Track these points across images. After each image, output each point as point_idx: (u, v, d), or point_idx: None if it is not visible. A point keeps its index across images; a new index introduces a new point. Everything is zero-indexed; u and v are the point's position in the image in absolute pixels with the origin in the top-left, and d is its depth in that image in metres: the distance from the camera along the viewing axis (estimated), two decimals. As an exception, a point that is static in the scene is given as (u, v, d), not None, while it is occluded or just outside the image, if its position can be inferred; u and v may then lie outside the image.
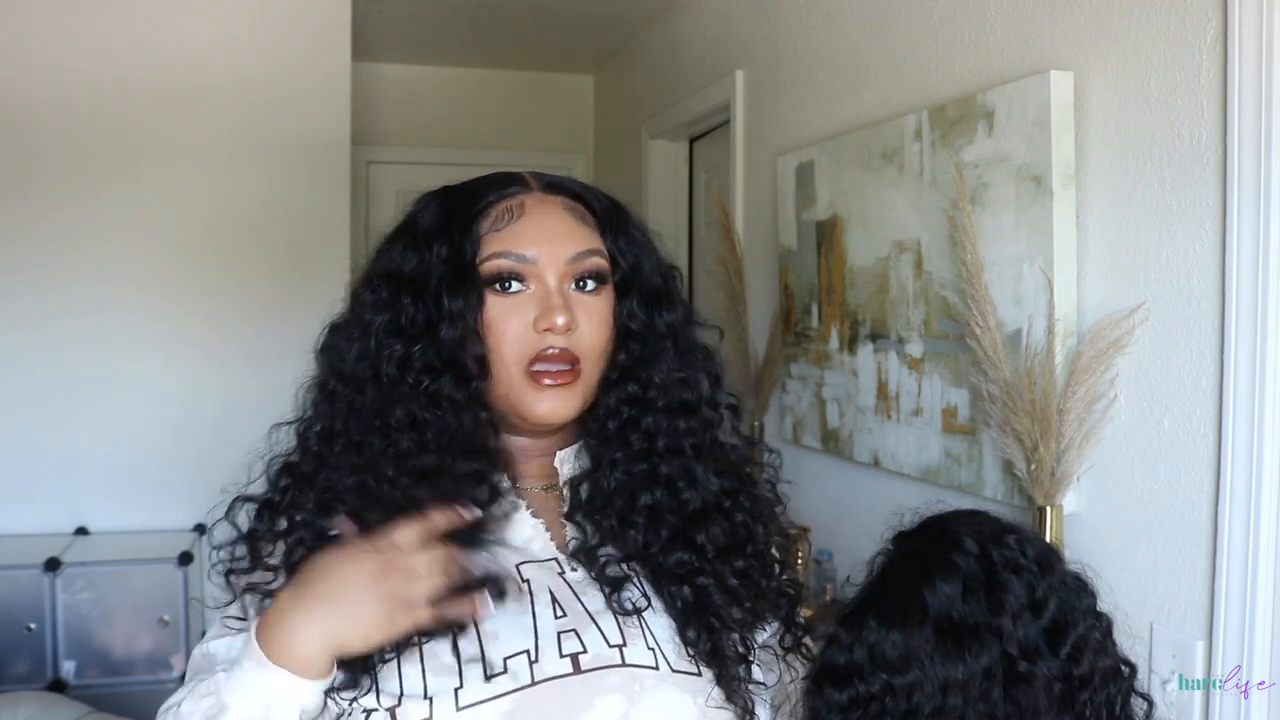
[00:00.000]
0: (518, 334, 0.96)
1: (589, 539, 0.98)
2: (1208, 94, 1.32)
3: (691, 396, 1.02)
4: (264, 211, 2.93)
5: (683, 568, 0.96)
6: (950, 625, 0.90)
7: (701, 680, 0.94)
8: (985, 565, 0.92)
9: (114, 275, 2.82)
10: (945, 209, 1.78)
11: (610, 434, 1.00)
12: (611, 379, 1.01)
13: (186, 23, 2.86)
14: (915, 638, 0.90)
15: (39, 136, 2.76)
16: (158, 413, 2.78)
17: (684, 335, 1.04)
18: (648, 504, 0.98)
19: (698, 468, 1.00)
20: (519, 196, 1.00)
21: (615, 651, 0.92)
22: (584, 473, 1.01)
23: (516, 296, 0.96)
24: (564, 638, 0.92)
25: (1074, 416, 1.48)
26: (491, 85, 4.30)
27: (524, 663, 0.90)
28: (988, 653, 0.89)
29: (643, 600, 0.96)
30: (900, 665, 0.90)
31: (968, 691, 0.88)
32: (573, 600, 0.95)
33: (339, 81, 2.99)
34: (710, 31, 3.02)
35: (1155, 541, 1.41)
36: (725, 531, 0.99)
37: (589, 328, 0.98)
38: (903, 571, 0.96)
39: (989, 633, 0.89)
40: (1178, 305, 1.37)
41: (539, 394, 0.96)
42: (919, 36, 1.94)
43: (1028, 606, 0.91)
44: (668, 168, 3.59)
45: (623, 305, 1.01)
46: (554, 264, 0.97)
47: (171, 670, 2.60)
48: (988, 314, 1.60)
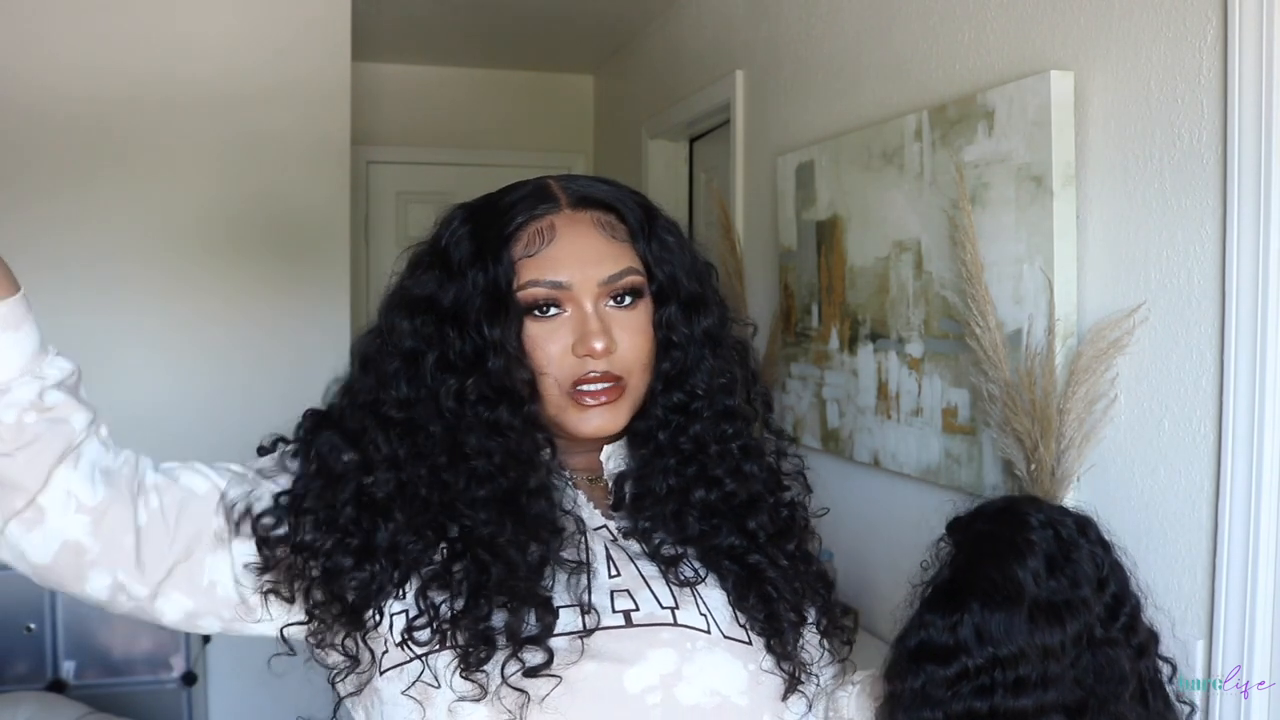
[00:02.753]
0: (558, 358, 0.98)
1: (639, 524, 1.01)
2: (1208, 94, 1.32)
3: (734, 401, 1.04)
4: (264, 211, 2.93)
5: (736, 550, 1.00)
6: (1043, 600, 0.96)
7: (752, 648, 0.96)
8: (1059, 543, 0.98)
9: (113, 275, 2.81)
10: (945, 209, 1.78)
11: (662, 444, 1.02)
12: (657, 389, 1.02)
13: (186, 23, 2.86)
14: (1016, 615, 0.95)
15: (38, 136, 2.76)
16: (156, 412, 2.79)
17: (720, 338, 1.05)
18: (702, 498, 1.01)
19: (745, 465, 1.03)
20: (549, 217, 1.00)
21: (668, 612, 0.94)
22: (630, 470, 1.03)
23: (554, 320, 0.98)
24: (617, 596, 0.95)
25: (1074, 416, 1.48)
26: (491, 85, 4.30)
27: (576, 613, 0.92)
28: (1076, 621, 0.96)
29: (695, 575, 0.98)
30: (1004, 639, 0.95)
31: (1065, 658, 0.95)
32: (627, 563, 0.98)
33: (339, 81, 2.99)
34: (710, 31, 3.02)
35: (1155, 541, 1.41)
36: (772, 519, 1.03)
37: (629, 344, 0.99)
38: (988, 554, 1.00)
39: (1077, 603, 0.96)
40: (1178, 305, 1.37)
41: (584, 413, 0.98)
42: (919, 36, 1.94)
43: (1095, 580, 0.98)
44: (668, 168, 3.59)
45: (660, 314, 1.02)
46: (588, 287, 0.98)
47: (171, 670, 2.60)
48: (988, 314, 1.60)
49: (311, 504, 0.94)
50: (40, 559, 0.88)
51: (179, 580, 0.92)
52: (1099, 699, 0.96)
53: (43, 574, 0.90)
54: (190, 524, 0.92)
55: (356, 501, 0.94)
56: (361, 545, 0.93)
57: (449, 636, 0.90)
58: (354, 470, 0.96)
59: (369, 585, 0.92)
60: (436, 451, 0.96)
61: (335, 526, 0.93)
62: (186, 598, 0.93)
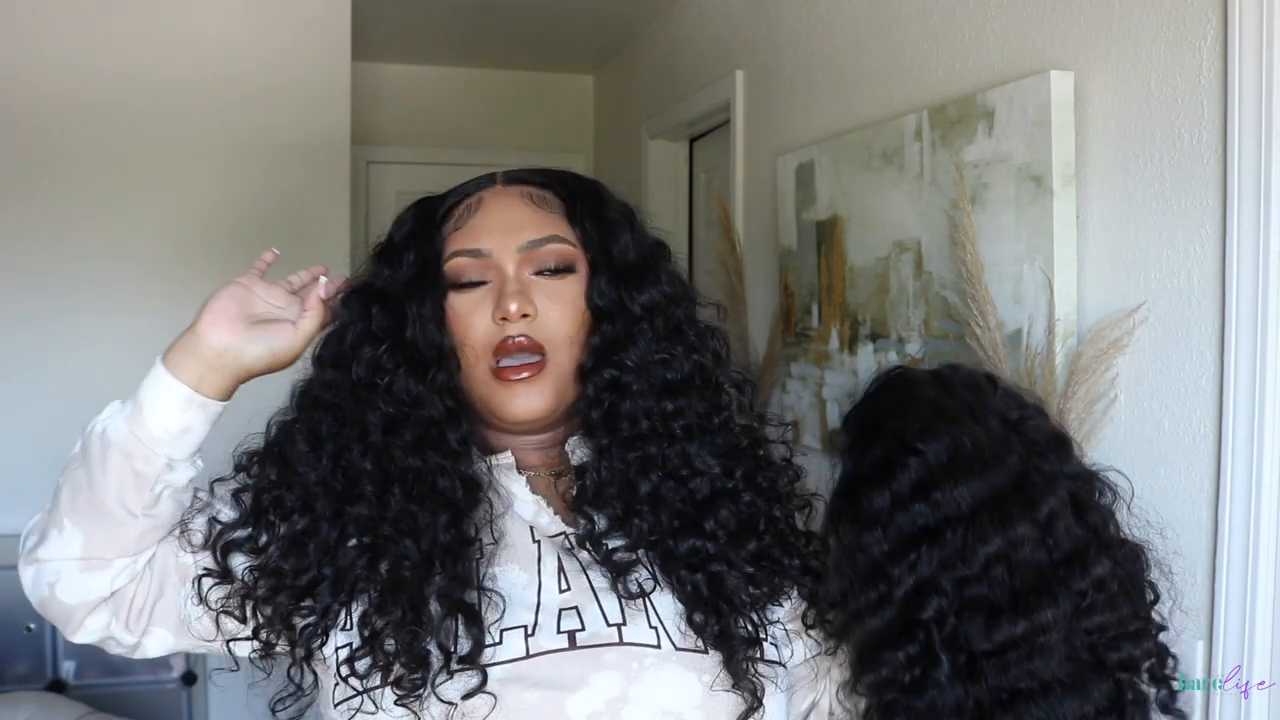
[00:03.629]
0: (479, 327, 0.96)
1: (596, 527, 0.97)
2: (1208, 94, 1.32)
3: (676, 376, 0.99)
4: (263, 211, 2.92)
5: (695, 555, 0.95)
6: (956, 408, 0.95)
7: (708, 659, 0.93)
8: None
9: (112, 275, 2.81)
10: (945, 209, 1.78)
11: (596, 423, 0.98)
12: (588, 366, 0.98)
13: (185, 23, 2.86)
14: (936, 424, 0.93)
15: (36, 135, 2.75)
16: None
17: (669, 313, 1.00)
18: (649, 491, 0.96)
19: (690, 449, 0.97)
20: (479, 194, 1.01)
21: (613, 630, 0.92)
22: (587, 463, 1.00)
23: (477, 291, 0.97)
24: (564, 614, 0.92)
25: (1074, 416, 1.48)
26: (492, 85, 4.30)
27: (520, 636, 0.90)
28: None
29: (649, 583, 0.95)
30: (929, 443, 0.93)
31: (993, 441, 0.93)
32: (579, 576, 0.95)
33: (339, 81, 2.98)
34: (710, 31, 3.01)
35: (1155, 542, 1.41)
36: (733, 514, 0.97)
37: (555, 313, 0.96)
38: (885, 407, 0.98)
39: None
40: (1178, 305, 1.37)
41: (508, 391, 0.96)
42: (919, 36, 1.93)
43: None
44: (668, 168, 3.59)
45: (593, 285, 0.98)
46: (508, 253, 0.97)
47: (171, 670, 2.60)
48: (988, 314, 1.60)
49: (241, 544, 0.96)
50: (71, 598, 0.92)
51: (159, 618, 0.95)
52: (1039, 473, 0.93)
53: (53, 608, 0.94)
54: (159, 562, 0.95)
55: (286, 539, 0.94)
56: (297, 585, 0.93)
57: (385, 665, 0.88)
58: (274, 504, 0.96)
59: (315, 627, 0.92)
60: (352, 435, 0.95)
61: (268, 570, 0.94)
62: (168, 633, 0.96)
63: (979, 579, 0.89)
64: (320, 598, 0.91)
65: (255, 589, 0.93)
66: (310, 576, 0.92)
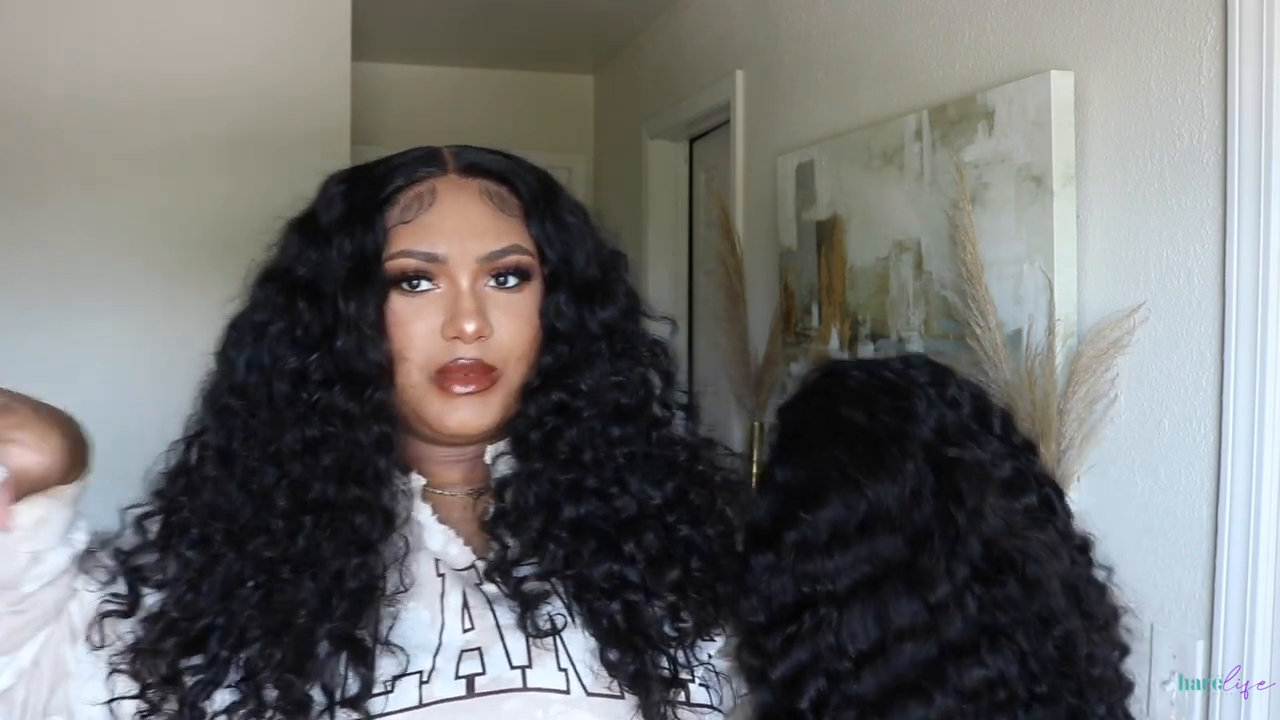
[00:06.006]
0: (425, 339, 0.85)
1: (508, 553, 0.87)
2: (1208, 94, 1.32)
3: (629, 401, 0.90)
4: (264, 211, 2.91)
5: (610, 581, 0.86)
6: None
7: (624, 704, 0.83)
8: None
9: (110, 275, 2.81)
10: (945, 209, 1.78)
11: (532, 445, 0.88)
12: (534, 385, 0.88)
13: (185, 22, 2.86)
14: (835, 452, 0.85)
15: (37, 135, 2.75)
16: (156, 412, 2.78)
17: (624, 332, 0.92)
18: (572, 517, 0.87)
19: (631, 478, 0.89)
20: (430, 181, 0.89)
21: (516, 674, 0.82)
22: (510, 476, 0.89)
23: (425, 296, 0.86)
24: (465, 656, 0.83)
25: (1074, 417, 1.48)
26: (492, 85, 4.29)
27: (414, 684, 0.81)
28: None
29: (560, 618, 0.85)
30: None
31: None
32: (485, 612, 0.85)
33: (339, 81, 2.98)
34: (710, 31, 3.02)
35: (1155, 541, 1.41)
36: (660, 539, 0.88)
37: (508, 330, 0.86)
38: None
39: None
40: (1178, 305, 1.37)
41: (450, 403, 0.85)
42: (919, 36, 1.94)
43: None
44: (668, 168, 3.59)
45: (550, 302, 0.89)
46: (466, 262, 0.85)
47: None
48: (988, 314, 1.60)
49: (150, 572, 0.86)
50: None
51: (56, 710, 0.84)
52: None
53: None
54: (50, 653, 0.85)
55: (183, 581, 0.84)
56: (187, 635, 0.82)
57: (257, 710, 0.79)
58: (179, 529, 0.85)
59: (203, 683, 0.81)
60: (264, 456, 0.84)
61: (158, 617, 0.83)
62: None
63: (851, 675, 0.79)
64: (209, 648, 0.81)
65: (142, 640, 0.83)
66: (204, 624, 0.81)
